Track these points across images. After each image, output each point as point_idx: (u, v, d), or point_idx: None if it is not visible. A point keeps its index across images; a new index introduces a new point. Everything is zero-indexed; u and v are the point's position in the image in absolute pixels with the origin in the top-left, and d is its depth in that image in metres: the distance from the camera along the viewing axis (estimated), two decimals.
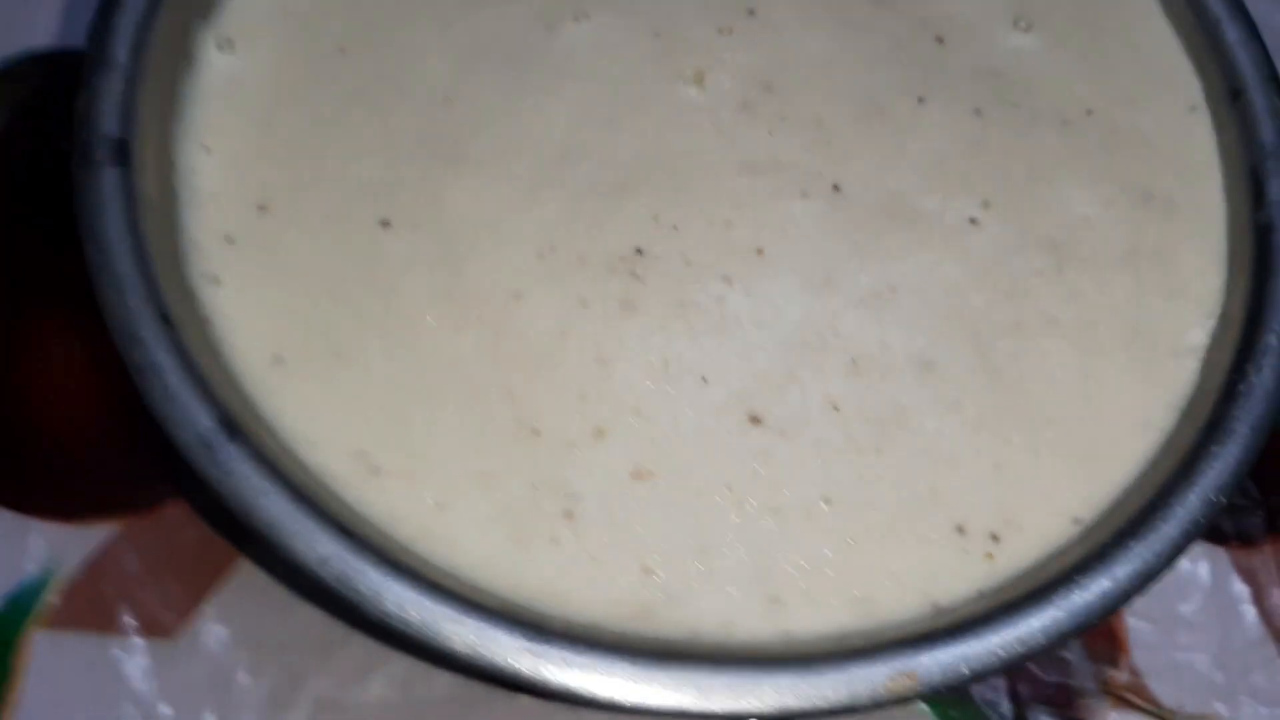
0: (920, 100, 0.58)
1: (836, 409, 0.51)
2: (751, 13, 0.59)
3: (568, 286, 0.52)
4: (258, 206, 0.53)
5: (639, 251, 0.53)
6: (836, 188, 0.55)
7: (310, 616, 0.56)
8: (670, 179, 0.55)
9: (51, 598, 0.55)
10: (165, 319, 0.46)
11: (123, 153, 0.49)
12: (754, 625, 0.47)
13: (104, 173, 0.48)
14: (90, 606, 0.55)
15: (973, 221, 0.55)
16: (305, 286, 0.52)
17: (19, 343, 0.61)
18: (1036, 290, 0.54)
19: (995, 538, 0.49)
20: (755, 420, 0.51)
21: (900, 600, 0.48)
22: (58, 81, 0.67)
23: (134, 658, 0.54)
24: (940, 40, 0.59)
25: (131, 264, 0.47)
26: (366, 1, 0.58)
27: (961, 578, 0.49)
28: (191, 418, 0.44)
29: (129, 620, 0.55)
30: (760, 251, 0.54)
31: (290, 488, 0.44)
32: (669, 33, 0.58)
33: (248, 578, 0.57)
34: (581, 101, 0.56)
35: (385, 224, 0.53)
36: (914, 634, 0.45)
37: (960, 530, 0.49)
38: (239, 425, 0.45)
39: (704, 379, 0.51)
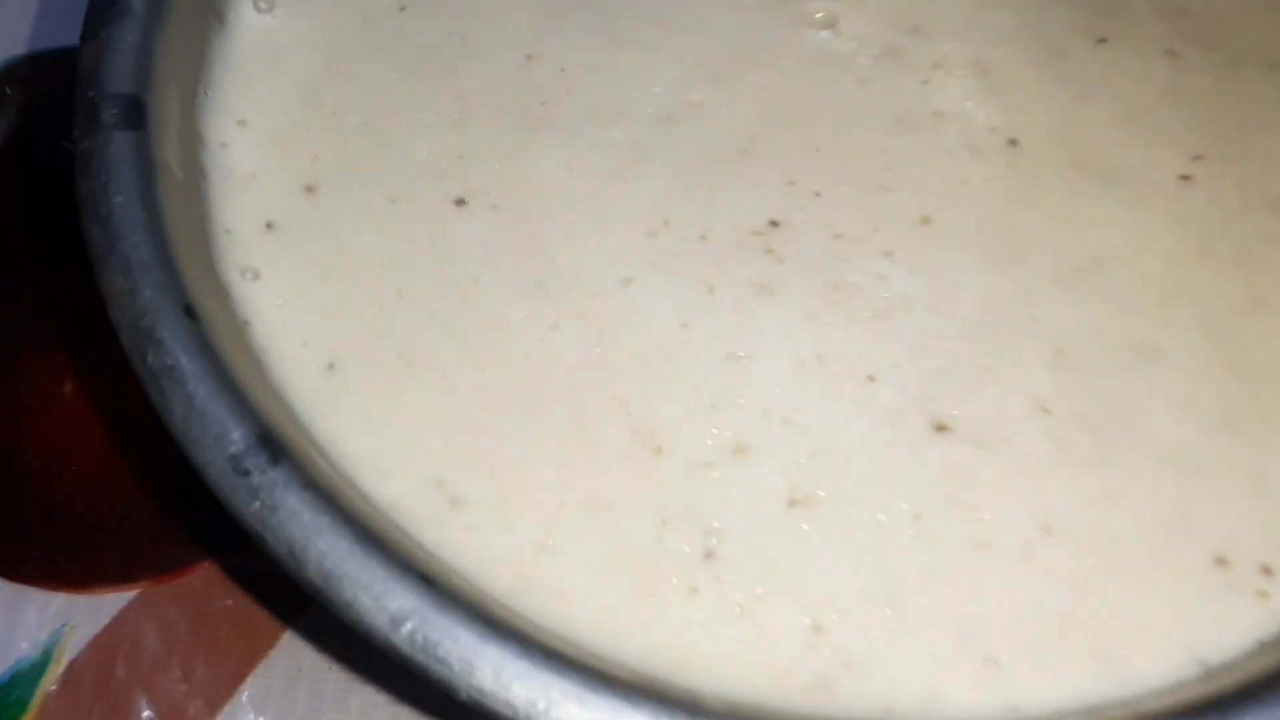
0: (1100, 41, 0.47)
1: (1045, 411, 0.40)
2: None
3: (688, 269, 0.42)
4: (305, 187, 0.44)
5: (774, 224, 0.43)
6: (1013, 142, 0.45)
7: (373, 701, 0.46)
8: (805, 138, 0.45)
9: (51, 684, 0.45)
10: (189, 312, 0.36)
11: (138, 114, 0.39)
12: (967, 696, 0.36)
13: (113, 136, 0.39)
14: (99, 693, 0.44)
15: (1184, 178, 0.44)
16: (364, 279, 0.42)
17: (8, 381, 0.51)
18: (1272, 258, 0.43)
19: (1267, 570, 0.38)
20: (941, 428, 0.40)
21: (1156, 658, 0.36)
22: (53, 85, 0.58)
23: None
24: None
25: (147, 244, 0.37)
26: None
27: (1231, 625, 0.37)
28: (222, 435, 0.34)
29: (147, 713, 0.44)
30: (926, 220, 0.43)
31: (352, 525, 0.34)
32: None
33: (294, 656, 0.46)
34: (689, 53, 0.47)
35: (460, 203, 0.43)
36: (1185, 705, 0.34)
37: (1221, 563, 0.38)
38: (284, 445, 0.35)
39: (870, 377, 0.40)
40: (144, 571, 0.48)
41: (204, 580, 0.48)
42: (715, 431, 0.39)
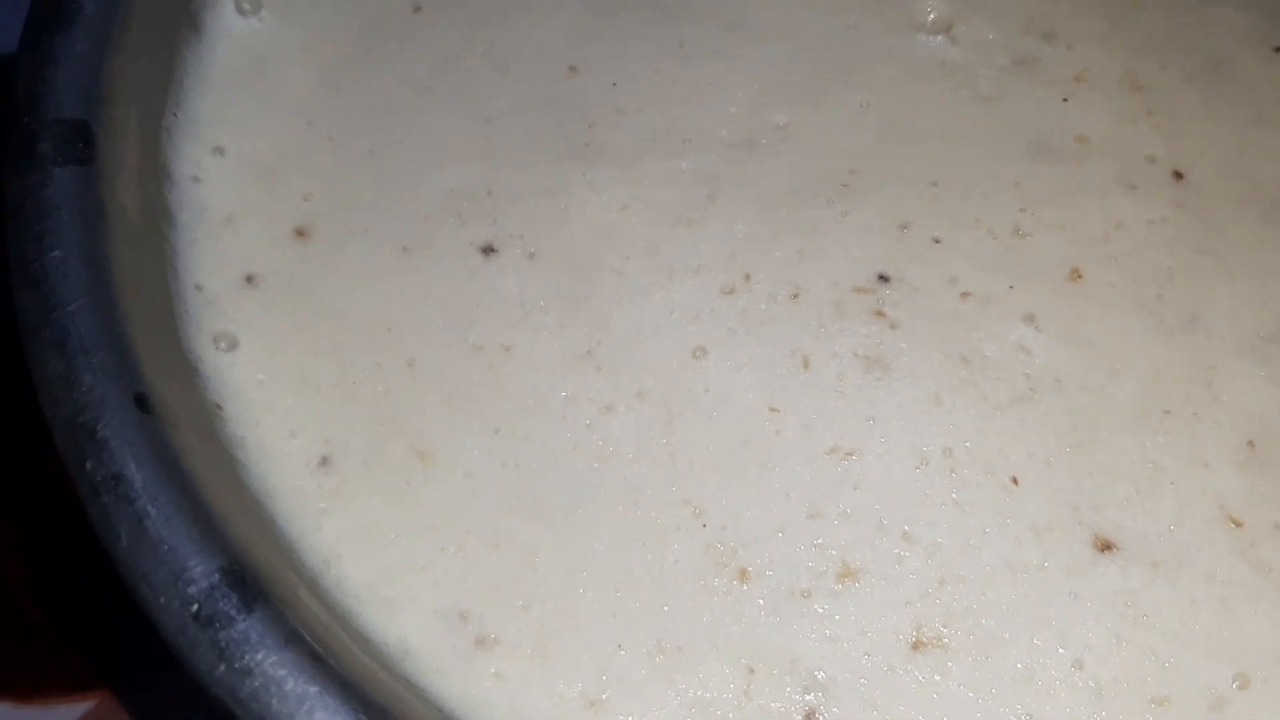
0: (1277, 49, 0.40)
1: (1236, 523, 0.33)
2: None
3: (776, 336, 0.35)
4: (295, 231, 0.37)
5: (883, 278, 0.36)
6: (1178, 175, 0.38)
7: None
8: (920, 170, 0.38)
9: None
10: (142, 403, 0.29)
11: (85, 144, 0.33)
12: None
13: (52, 174, 0.32)
14: None
15: None
16: (367, 348, 0.35)
17: None
18: None
19: None
20: (1106, 546, 0.32)
21: None
22: None
23: None
24: None
25: (91, 313, 0.30)
26: None
27: None
28: (181, 571, 0.27)
29: None
30: (1076, 274, 0.36)
31: (351, 695, 0.26)
32: None
33: None
34: (772, 64, 0.40)
35: (488, 251, 0.37)
36: None
37: None
38: (262, 582, 0.28)
39: (1013, 479, 0.33)
40: (104, 678, 0.42)
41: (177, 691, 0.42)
42: (815, 549, 0.32)
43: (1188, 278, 0.36)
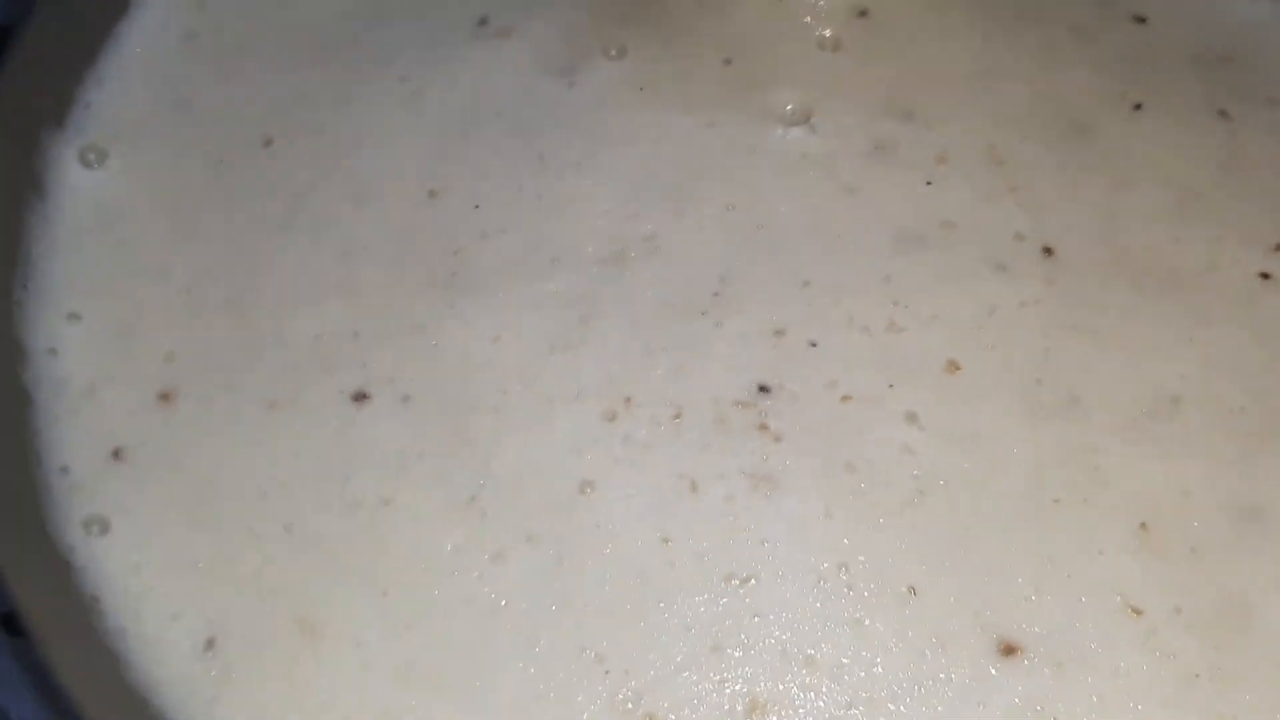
0: (1136, 108, 0.41)
1: (1136, 611, 0.33)
2: (863, 14, 0.42)
3: (662, 462, 0.35)
4: (159, 395, 0.36)
5: (764, 389, 0.36)
6: (1047, 251, 0.38)
7: None
8: (790, 270, 0.38)
9: None
10: (12, 624, 0.29)
11: None
12: None
13: None
14: None
15: (1264, 277, 0.38)
16: (242, 515, 0.34)
17: None
18: None
19: None
20: (1009, 650, 0.33)
21: None
22: None
23: None
24: (1142, 20, 0.43)
25: None
26: (294, 65, 0.42)
27: None
28: None
29: None
30: (954, 366, 0.36)
31: None
32: (744, 57, 0.42)
33: None
34: (635, 170, 0.40)
35: (360, 398, 0.36)
36: None
37: None
38: None
39: (911, 589, 0.34)
40: None
41: None
42: (721, 686, 0.32)
43: (1064, 359, 0.37)
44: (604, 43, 0.42)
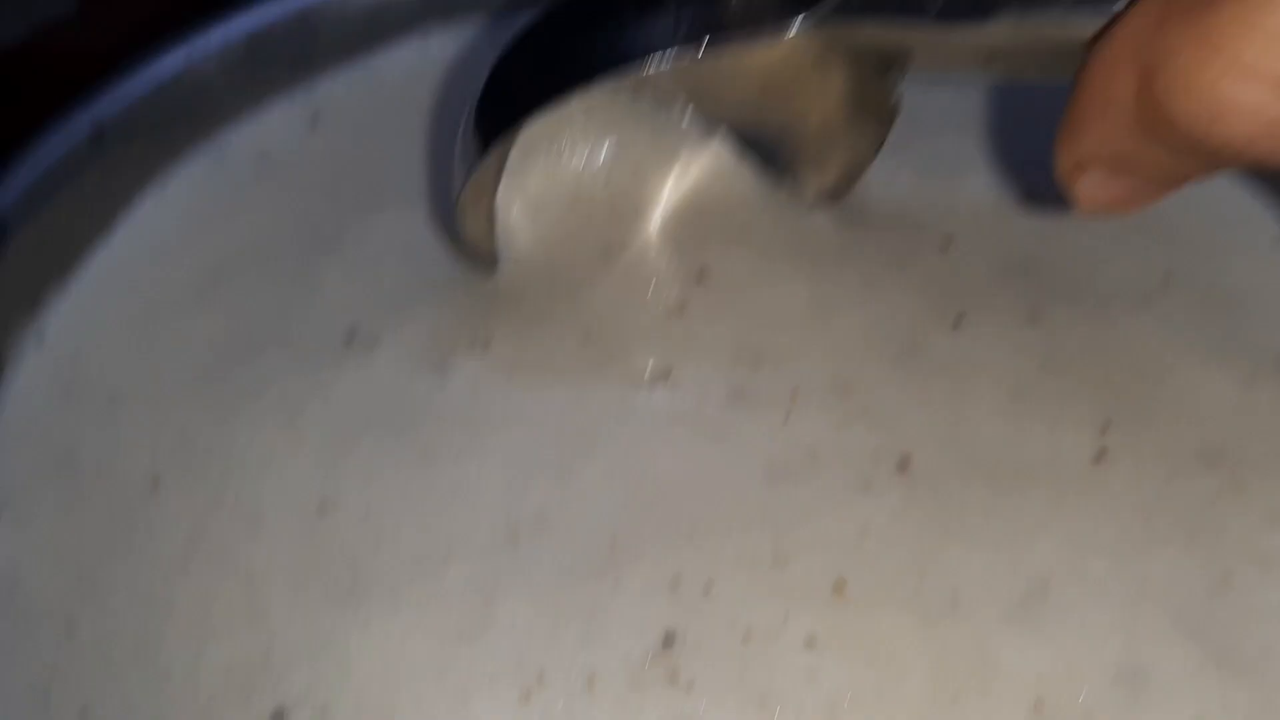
0: (957, 322, 0.45)
1: None
2: (702, 276, 0.47)
3: None
4: None
5: (670, 639, 0.38)
6: (902, 465, 0.42)
7: None
8: (676, 522, 0.40)
9: None
10: None
11: None
12: None
13: None
14: None
15: (1099, 456, 0.42)
16: None
17: None
18: (1221, 518, 0.41)
19: None
20: None
21: None
22: None
23: None
24: (948, 242, 0.48)
25: None
26: (173, 405, 0.44)
27: None
28: None
29: None
30: (840, 587, 0.39)
31: None
32: (600, 331, 0.45)
33: None
34: (515, 451, 0.42)
35: (278, 717, 0.37)
36: None
37: None
38: None
39: None
40: None
41: None
42: None
43: (939, 563, 0.39)
44: (470, 337, 0.45)
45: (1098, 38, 0.32)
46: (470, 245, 0.45)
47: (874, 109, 0.43)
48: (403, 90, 0.55)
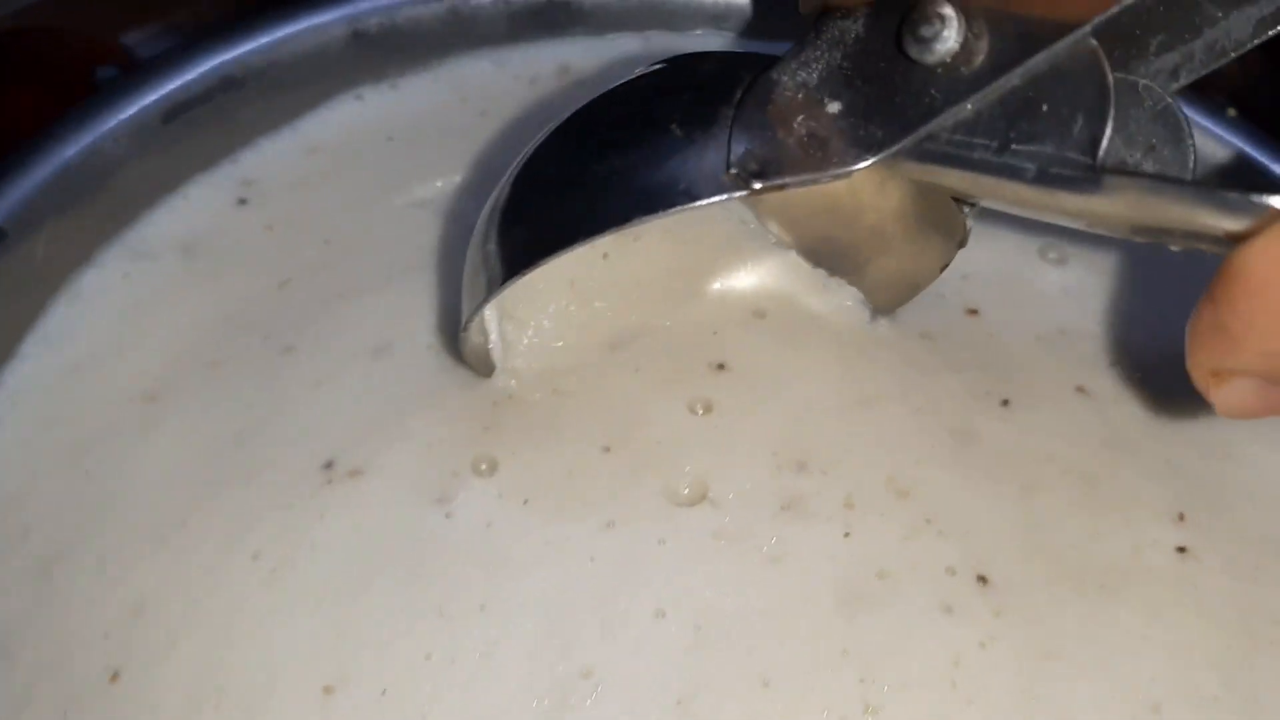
0: (1004, 404, 0.41)
1: None
2: (721, 368, 0.41)
3: None
4: None
5: None
6: (983, 580, 0.37)
7: None
8: (746, 672, 0.35)
9: None
10: None
11: None
12: None
13: None
14: None
15: (1181, 550, 0.38)
16: None
17: None
18: None
19: None
20: None
21: None
22: None
23: None
24: (974, 311, 0.44)
25: None
26: (126, 566, 0.37)
27: None
28: None
29: None
30: None
31: None
32: (622, 441, 0.40)
33: None
34: (542, 597, 0.36)
35: None
36: None
37: None
38: None
39: None
40: None
41: None
42: None
43: (1045, 689, 0.35)
44: (472, 459, 0.39)
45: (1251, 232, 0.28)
46: (471, 357, 0.39)
47: (943, 227, 0.38)
48: (341, 155, 0.48)
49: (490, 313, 0.39)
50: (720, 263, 0.43)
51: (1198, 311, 0.30)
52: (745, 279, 0.43)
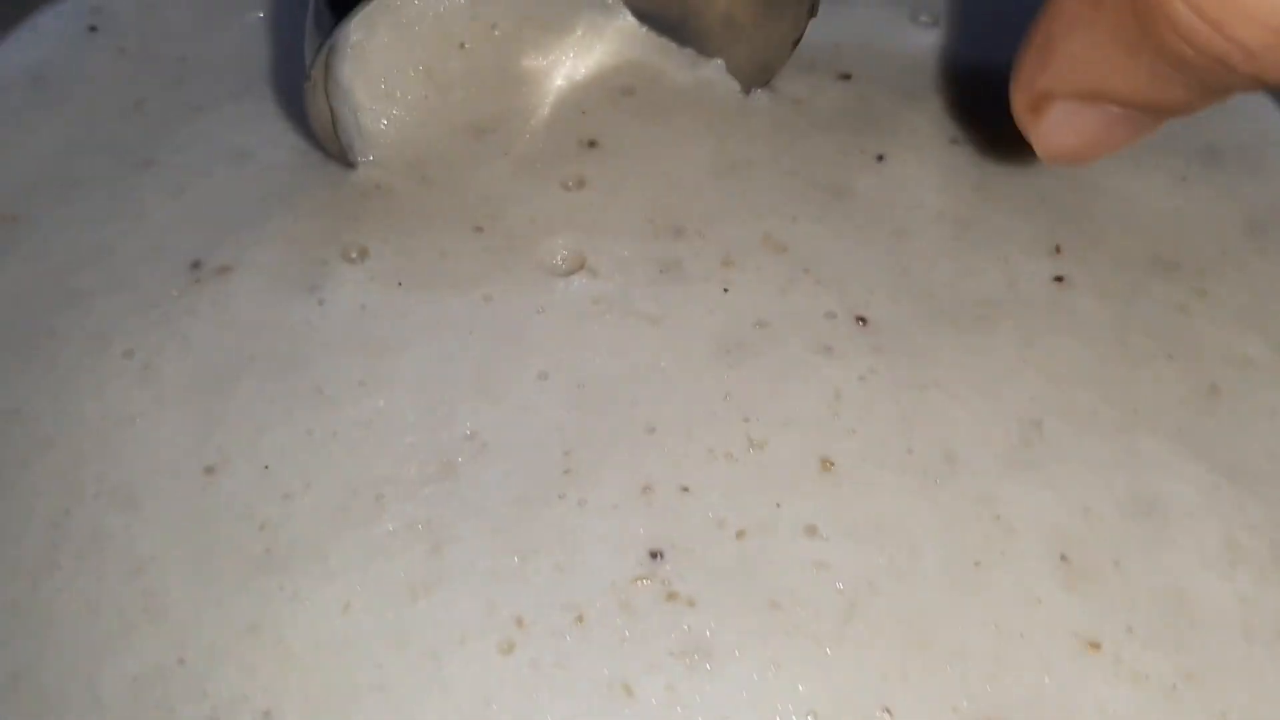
0: (880, 158, 0.41)
1: (1095, 647, 0.32)
2: (593, 144, 0.41)
3: (586, 674, 0.31)
4: None
5: (656, 555, 0.33)
6: (862, 320, 0.37)
7: None
8: (629, 421, 0.35)
9: None
10: None
11: None
12: None
13: None
14: None
15: (1058, 280, 0.39)
16: None
17: None
18: (1206, 337, 0.38)
19: None
20: None
21: None
22: None
23: None
24: (846, 77, 0.44)
25: None
26: None
27: None
28: None
29: None
30: (828, 463, 0.35)
31: None
32: (493, 220, 0.39)
33: None
34: (427, 368, 0.36)
35: None
36: None
37: None
38: None
39: (886, 710, 0.31)
40: None
41: None
42: None
43: (923, 418, 0.35)
44: (340, 249, 0.38)
45: None
46: (324, 136, 0.38)
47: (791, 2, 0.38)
48: None
49: (344, 106, 0.38)
50: (581, 44, 0.42)
51: (1024, 40, 0.30)
52: (609, 59, 0.42)
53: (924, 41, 0.45)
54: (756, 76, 0.42)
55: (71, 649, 0.31)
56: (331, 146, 0.39)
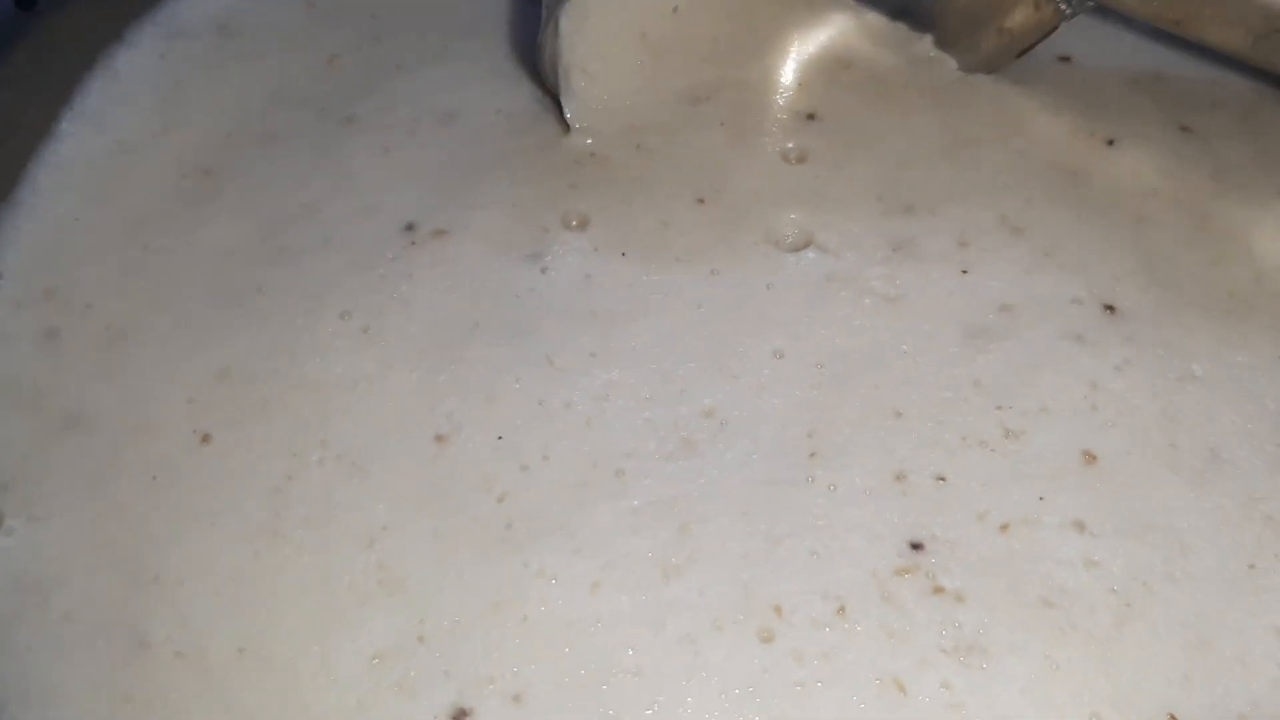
0: (1110, 142, 0.39)
1: None
2: (811, 118, 0.39)
3: (853, 669, 0.30)
4: None
5: (916, 546, 0.31)
6: (1110, 309, 0.35)
7: None
8: (874, 404, 0.34)
9: None
10: None
11: None
12: None
13: None
14: None
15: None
16: None
17: None
18: None
19: None
20: None
21: None
22: None
23: None
24: (1066, 59, 0.42)
25: None
26: (204, 334, 0.34)
27: None
28: None
29: None
30: (1090, 456, 0.33)
31: None
32: (714, 192, 0.37)
33: None
34: (659, 344, 0.35)
35: (461, 716, 0.28)
36: None
37: None
38: None
39: (1170, 717, 0.29)
40: None
41: None
42: None
43: (1184, 411, 0.34)
44: (560, 216, 0.37)
45: None
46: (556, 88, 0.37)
47: None
48: None
49: (560, 68, 0.37)
50: (795, 16, 0.40)
51: None
52: (824, 32, 0.41)
53: (1141, 27, 0.43)
54: (980, 67, 0.40)
55: (301, 622, 0.30)
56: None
